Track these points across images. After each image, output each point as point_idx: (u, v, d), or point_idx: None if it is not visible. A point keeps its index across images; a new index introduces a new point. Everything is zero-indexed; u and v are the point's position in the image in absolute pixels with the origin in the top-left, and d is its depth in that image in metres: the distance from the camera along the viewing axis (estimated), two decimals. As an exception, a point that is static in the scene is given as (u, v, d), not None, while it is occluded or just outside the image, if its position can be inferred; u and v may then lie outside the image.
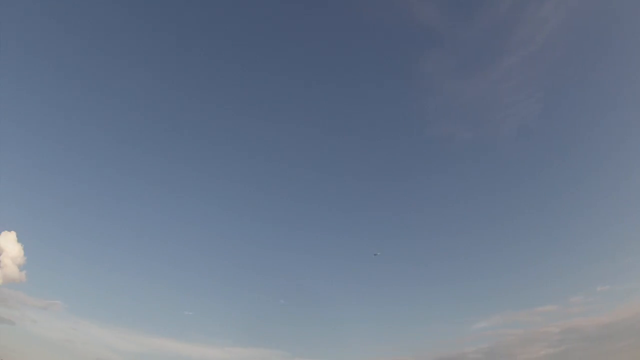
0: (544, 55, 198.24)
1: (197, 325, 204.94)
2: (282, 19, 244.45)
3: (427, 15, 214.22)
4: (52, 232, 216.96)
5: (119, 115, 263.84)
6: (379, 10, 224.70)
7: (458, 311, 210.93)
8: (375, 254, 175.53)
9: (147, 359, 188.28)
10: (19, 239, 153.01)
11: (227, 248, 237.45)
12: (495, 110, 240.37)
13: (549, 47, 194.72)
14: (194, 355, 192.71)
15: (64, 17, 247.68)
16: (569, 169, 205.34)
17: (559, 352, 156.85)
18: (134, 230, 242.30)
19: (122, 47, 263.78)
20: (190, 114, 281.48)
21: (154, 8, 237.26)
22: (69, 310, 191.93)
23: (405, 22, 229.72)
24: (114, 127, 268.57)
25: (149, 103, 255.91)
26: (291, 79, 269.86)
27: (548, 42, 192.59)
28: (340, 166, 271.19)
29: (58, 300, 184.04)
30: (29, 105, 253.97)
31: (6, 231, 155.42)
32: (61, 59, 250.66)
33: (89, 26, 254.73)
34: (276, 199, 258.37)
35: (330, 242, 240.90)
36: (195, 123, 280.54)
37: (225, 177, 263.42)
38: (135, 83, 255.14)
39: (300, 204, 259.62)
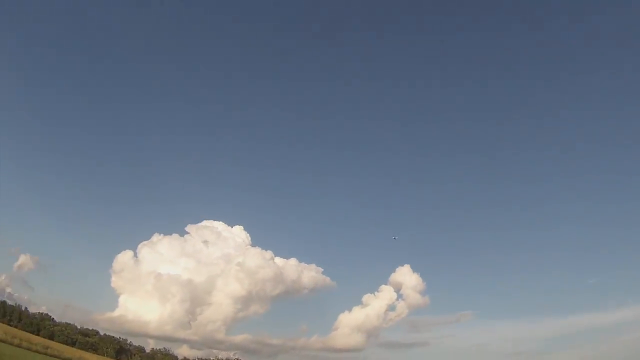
0: None
1: (603, 290, 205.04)
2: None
3: None
4: (442, 254, 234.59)
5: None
6: None
7: None
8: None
9: (564, 339, 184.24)
10: (414, 269, 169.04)
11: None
12: None
13: None
14: (607, 322, 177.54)
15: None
16: None
17: None
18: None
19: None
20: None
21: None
22: (479, 317, 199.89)
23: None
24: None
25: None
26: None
27: None
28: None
29: (468, 310, 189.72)
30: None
31: (400, 266, 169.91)
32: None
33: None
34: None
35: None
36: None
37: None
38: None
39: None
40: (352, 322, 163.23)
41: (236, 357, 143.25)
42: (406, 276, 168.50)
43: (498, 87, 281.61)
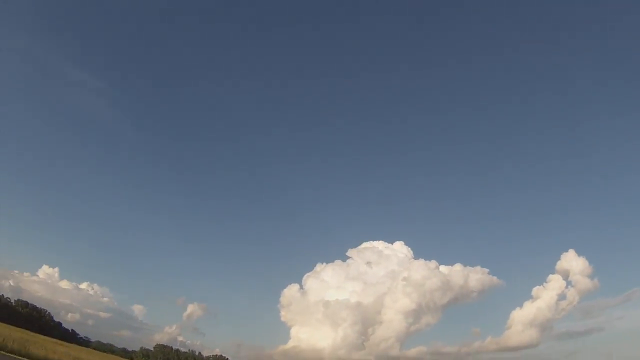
0: None
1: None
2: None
3: None
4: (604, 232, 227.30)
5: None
6: None
7: None
8: None
9: None
10: (579, 253, 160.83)
11: None
12: None
13: None
14: None
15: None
16: None
17: None
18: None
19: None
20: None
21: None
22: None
23: None
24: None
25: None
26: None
27: None
28: None
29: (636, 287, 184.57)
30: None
31: (564, 252, 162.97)
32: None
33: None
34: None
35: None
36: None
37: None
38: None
39: None
40: (524, 318, 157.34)
41: None
42: (572, 262, 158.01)
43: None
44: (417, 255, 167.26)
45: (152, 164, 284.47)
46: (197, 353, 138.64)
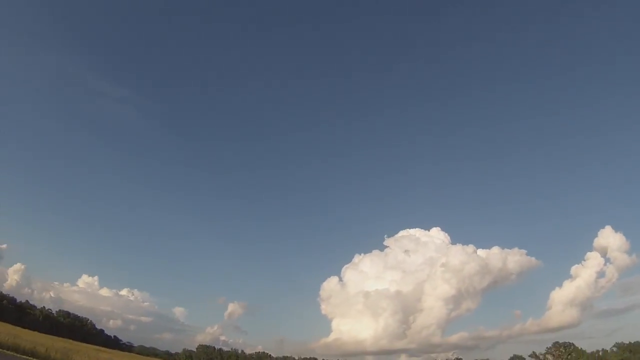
0: None
1: None
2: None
3: None
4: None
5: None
6: None
7: None
8: None
9: None
10: (616, 229, 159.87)
11: None
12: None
13: None
14: None
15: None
16: None
17: None
18: None
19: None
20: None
21: None
22: None
23: None
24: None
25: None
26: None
27: None
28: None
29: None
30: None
31: (601, 228, 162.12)
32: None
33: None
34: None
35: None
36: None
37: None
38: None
39: None
40: (564, 298, 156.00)
41: (455, 356, 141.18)
42: (610, 238, 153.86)
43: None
44: (454, 241, 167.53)
45: (188, 167, 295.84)
46: (239, 351, 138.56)
